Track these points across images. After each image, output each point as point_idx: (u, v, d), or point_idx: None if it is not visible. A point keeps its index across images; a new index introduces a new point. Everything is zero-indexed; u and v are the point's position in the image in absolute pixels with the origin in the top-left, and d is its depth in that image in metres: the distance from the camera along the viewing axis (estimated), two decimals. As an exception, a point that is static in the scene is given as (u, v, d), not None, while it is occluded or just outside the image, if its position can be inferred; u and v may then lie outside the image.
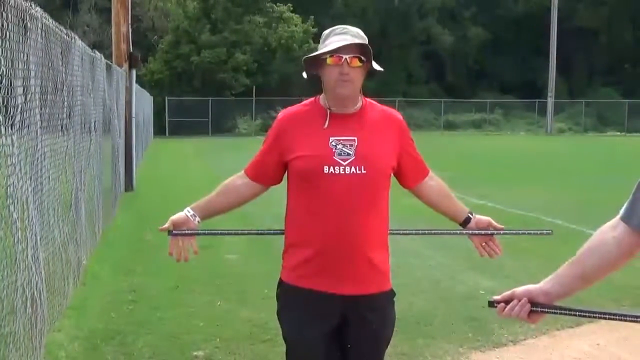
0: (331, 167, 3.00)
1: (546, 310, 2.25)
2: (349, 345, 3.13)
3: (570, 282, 2.23)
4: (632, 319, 2.22)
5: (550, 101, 52.15)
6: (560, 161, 25.54)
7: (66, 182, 7.16)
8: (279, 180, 3.23)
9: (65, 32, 6.96)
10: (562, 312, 2.28)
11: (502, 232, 3.38)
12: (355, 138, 3.04)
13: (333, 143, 3.03)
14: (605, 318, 2.19)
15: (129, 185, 15.56)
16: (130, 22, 16.18)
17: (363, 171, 3.01)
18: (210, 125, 45.39)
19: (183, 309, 6.67)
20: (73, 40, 7.39)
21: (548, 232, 3.59)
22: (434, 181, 3.37)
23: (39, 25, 5.39)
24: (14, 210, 4.37)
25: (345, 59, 3.01)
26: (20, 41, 4.69)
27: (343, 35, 3.08)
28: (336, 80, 3.03)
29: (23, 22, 4.78)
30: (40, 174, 5.49)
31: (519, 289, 2.27)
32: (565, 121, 54.02)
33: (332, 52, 3.02)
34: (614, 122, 53.37)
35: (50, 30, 5.96)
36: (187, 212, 3.31)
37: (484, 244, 3.37)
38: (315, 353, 3.09)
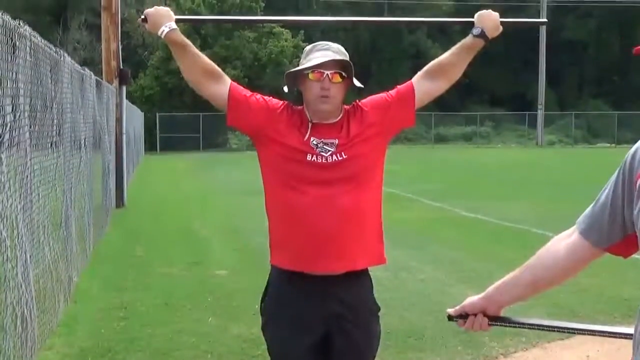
0: (314, 156, 3.06)
1: (504, 324, 2.29)
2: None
3: (521, 290, 2.22)
4: (590, 332, 2.21)
5: (540, 113, 52.32)
6: (550, 173, 25.61)
7: (56, 200, 7.16)
8: (234, 111, 3.20)
9: (55, 49, 6.97)
10: (519, 325, 2.30)
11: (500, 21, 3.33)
12: (336, 139, 3.10)
13: (314, 142, 3.09)
14: (563, 331, 2.25)
15: (119, 202, 15.54)
16: (120, 38, 16.21)
17: (344, 156, 3.07)
18: (201, 140, 45.37)
19: (174, 326, 6.65)
20: (62, 58, 7.40)
21: (543, 21, 3.67)
22: (424, 74, 3.33)
23: (28, 43, 5.41)
24: (3, 228, 4.37)
25: (327, 74, 3.05)
26: (9, 60, 4.71)
27: (325, 52, 3.13)
28: (317, 96, 3.08)
29: (12, 41, 4.80)
30: (29, 192, 5.49)
31: (468, 304, 2.30)
32: (556, 133, 54.19)
33: (313, 68, 3.06)
34: (604, 134, 53.56)
35: (39, 48, 5.97)
36: (172, 24, 3.22)
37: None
38: None
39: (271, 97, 3.26)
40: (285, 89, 3.28)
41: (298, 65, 3.24)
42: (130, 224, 13.28)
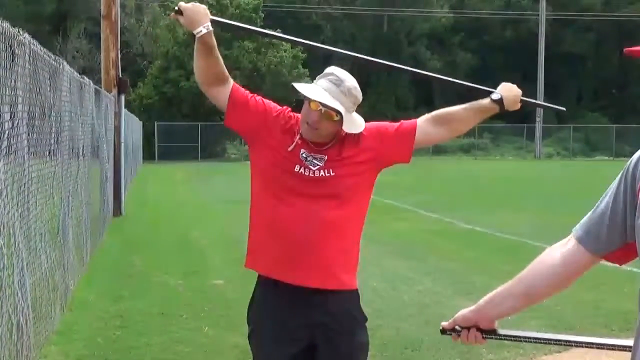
0: (301, 168, 3.07)
1: (499, 338, 2.24)
2: None
3: (513, 302, 2.16)
4: (586, 344, 2.19)
5: (539, 126, 52.42)
6: (548, 185, 25.61)
7: (53, 208, 7.14)
8: (232, 111, 3.19)
9: (54, 57, 6.97)
10: (513, 338, 2.27)
11: (520, 99, 3.27)
12: (326, 155, 3.12)
13: (304, 155, 3.10)
14: (559, 344, 2.21)
15: (117, 211, 15.52)
16: (119, 47, 16.22)
17: (332, 173, 3.08)
18: (199, 150, 45.38)
19: (170, 335, 6.64)
20: (61, 66, 7.40)
21: (561, 109, 3.69)
22: (430, 118, 3.31)
23: (27, 51, 5.41)
24: (0, 236, 4.36)
25: (321, 110, 3.04)
26: (8, 67, 4.70)
27: (332, 86, 3.09)
28: (307, 123, 3.09)
29: (11, 49, 4.80)
30: (27, 200, 5.48)
31: (460, 317, 2.23)
32: (554, 145, 54.26)
33: (311, 100, 3.06)
34: (602, 147, 53.63)
35: (38, 56, 5.97)
36: (209, 25, 3.12)
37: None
38: None
39: (271, 101, 3.26)
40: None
41: (300, 76, 3.23)
42: (127, 232, 13.27)
